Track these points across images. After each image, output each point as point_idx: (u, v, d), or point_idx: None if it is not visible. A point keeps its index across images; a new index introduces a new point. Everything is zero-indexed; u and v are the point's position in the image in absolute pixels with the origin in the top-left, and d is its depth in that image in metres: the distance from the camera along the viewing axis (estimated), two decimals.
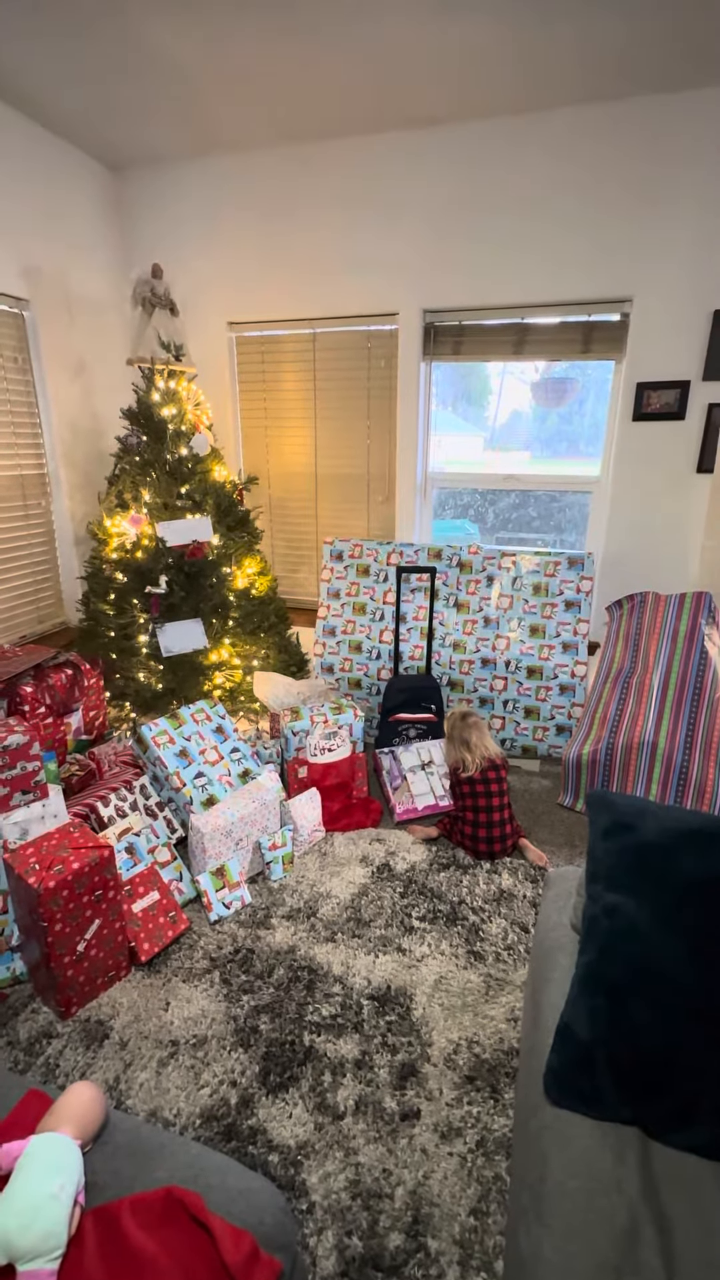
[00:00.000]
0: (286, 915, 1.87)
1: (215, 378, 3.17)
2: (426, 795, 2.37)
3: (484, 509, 3.59)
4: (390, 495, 3.14)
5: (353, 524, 3.26)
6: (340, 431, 3.13)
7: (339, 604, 2.92)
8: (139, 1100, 1.37)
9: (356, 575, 2.92)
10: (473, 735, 2.16)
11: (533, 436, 3.17)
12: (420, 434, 3.03)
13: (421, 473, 3.11)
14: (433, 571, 2.71)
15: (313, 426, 3.17)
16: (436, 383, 3.01)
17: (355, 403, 3.07)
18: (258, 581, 2.79)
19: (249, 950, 1.73)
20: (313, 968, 1.68)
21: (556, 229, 2.59)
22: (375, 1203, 1.20)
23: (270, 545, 3.39)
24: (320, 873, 2.05)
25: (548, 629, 2.68)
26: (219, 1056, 1.45)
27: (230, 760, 2.22)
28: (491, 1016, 1.54)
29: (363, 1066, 1.43)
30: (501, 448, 3.26)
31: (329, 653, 2.91)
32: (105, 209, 3.01)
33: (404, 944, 1.76)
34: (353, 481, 3.19)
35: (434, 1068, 1.43)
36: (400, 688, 2.64)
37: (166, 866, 1.90)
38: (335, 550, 2.96)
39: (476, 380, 3.25)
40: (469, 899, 1.93)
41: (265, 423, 3.25)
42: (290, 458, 3.26)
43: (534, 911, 1.88)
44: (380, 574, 2.89)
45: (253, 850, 2.02)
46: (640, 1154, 0.91)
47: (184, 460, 2.56)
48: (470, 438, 3.27)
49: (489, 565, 2.78)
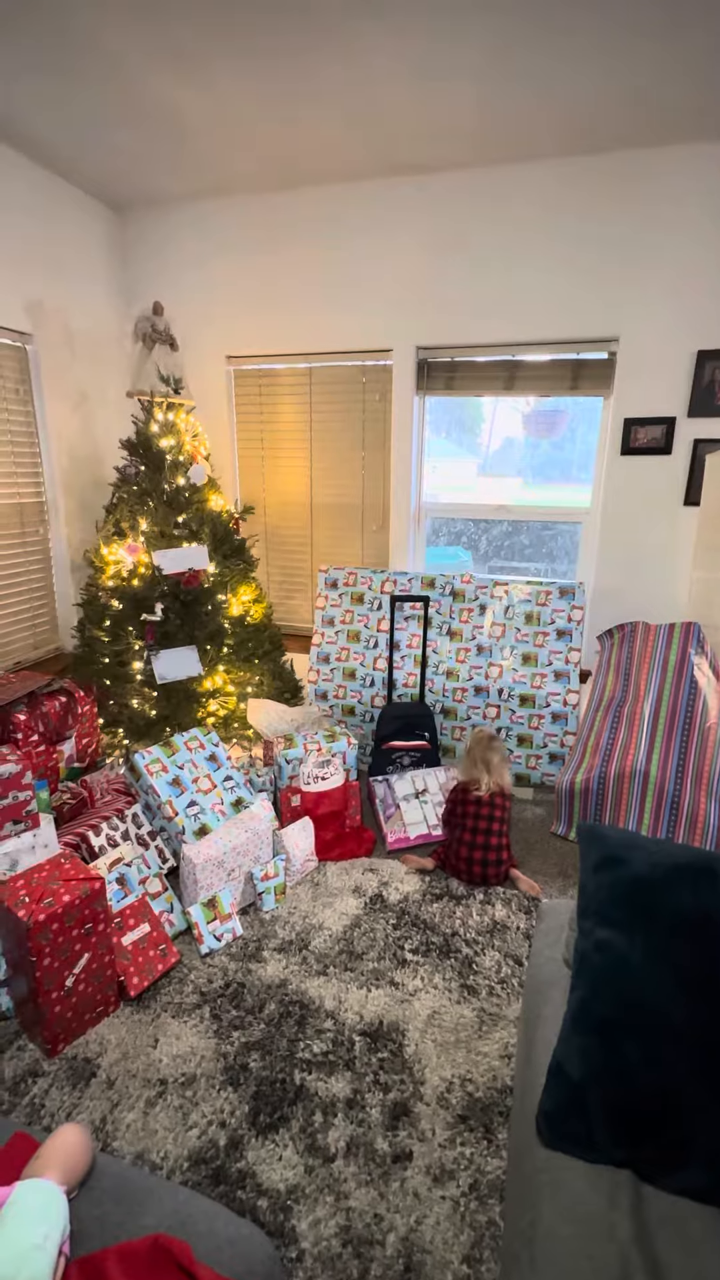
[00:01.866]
0: (278, 948, 1.84)
1: (213, 410, 3.23)
2: (419, 825, 2.36)
3: (477, 536, 3.63)
4: (384, 524, 3.18)
5: (347, 552, 3.29)
6: (335, 462, 3.18)
7: (333, 631, 2.94)
8: (126, 1141, 1.34)
9: (351, 603, 2.95)
10: (495, 759, 2.17)
11: (525, 463, 3.22)
12: (414, 465, 3.08)
13: (415, 502, 3.15)
14: (426, 600, 2.74)
15: (308, 457, 3.22)
16: (430, 410, 3.07)
17: (350, 434, 3.12)
18: (253, 609, 2.80)
19: (240, 984, 1.71)
20: (304, 1002, 1.66)
21: (544, 272, 2.68)
22: (366, 1250, 1.17)
23: (266, 573, 3.42)
24: (313, 904, 2.03)
25: (540, 657, 2.70)
26: (208, 1096, 1.43)
27: (223, 788, 2.21)
28: (485, 1053, 1.52)
29: (354, 1106, 1.41)
30: (494, 474, 3.30)
31: (323, 680, 2.92)
32: (107, 247, 3.10)
33: (396, 977, 1.74)
34: (347, 511, 3.24)
35: (426, 1107, 1.41)
36: (394, 715, 2.65)
37: (158, 898, 1.88)
38: (330, 578, 2.99)
39: (470, 408, 3.31)
40: (462, 930, 1.91)
41: (262, 453, 3.29)
42: (286, 487, 3.30)
43: (528, 943, 1.86)
44: (374, 602, 2.91)
45: (245, 881, 2.01)
46: (633, 1197, 0.90)
47: (181, 490, 2.60)
48: (463, 463, 3.32)
49: (482, 594, 2.82)
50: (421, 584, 2.87)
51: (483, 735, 2.22)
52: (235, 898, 1.97)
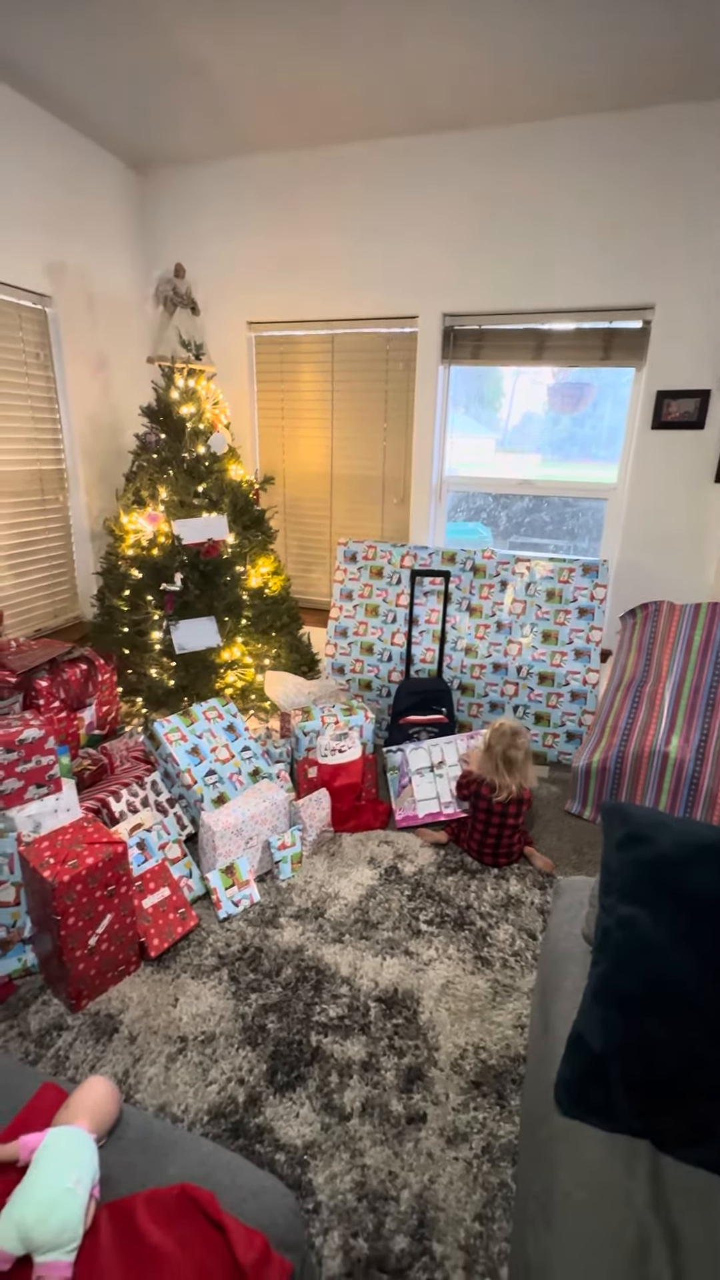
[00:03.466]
0: (295, 915, 1.87)
1: (234, 377, 3.17)
2: (430, 802, 2.35)
3: (497, 513, 3.58)
4: (405, 497, 3.14)
5: (367, 526, 3.26)
6: (357, 433, 3.13)
7: (351, 605, 2.93)
8: (147, 1095, 1.38)
9: (370, 577, 2.92)
10: (518, 756, 2.05)
11: (544, 439, 3.16)
12: (436, 437, 3.02)
13: (437, 475, 3.10)
14: (446, 575, 2.71)
15: (329, 427, 3.17)
16: (450, 383, 3.00)
17: (372, 404, 3.07)
18: (271, 581, 2.79)
19: (257, 949, 1.74)
20: (320, 968, 1.68)
21: (579, 235, 2.57)
22: (381, 1205, 1.21)
23: (284, 545, 3.39)
24: (328, 873, 2.05)
25: (561, 635, 2.67)
26: (227, 1054, 1.46)
27: (241, 759, 2.22)
28: (498, 1023, 1.54)
29: (370, 1068, 1.43)
30: (513, 450, 3.25)
31: (340, 654, 2.91)
32: (128, 208, 3.02)
33: (411, 947, 1.76)
34: (368, 483, 3.19)
35: (440, 1072, 1.43)
36: (411, 690, 2.64)
37: (177, 863, 1.91)
38: (349, 551, 2.97)
39: (490, 382, 3.24)
40: (477, 904, 1.93)
41: (282, 423, 3.25)
42: (306, 458, 3.26)
43: (541, 919, 1.87)
44: (394, 576, 2.89)
45: (262, 849, 2.03)
46: (650, 1167, 0.91)
47: (201, 459, 2.57)
48: (482, 439, 3.27)
49: (503, 570, 2.78)
50: (442, 559, 2.83)
51: (505, 729, 2.08)
52: (253, 865, 1.99)
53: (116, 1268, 0.78)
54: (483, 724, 2.70)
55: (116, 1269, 0.78)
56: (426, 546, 2.87)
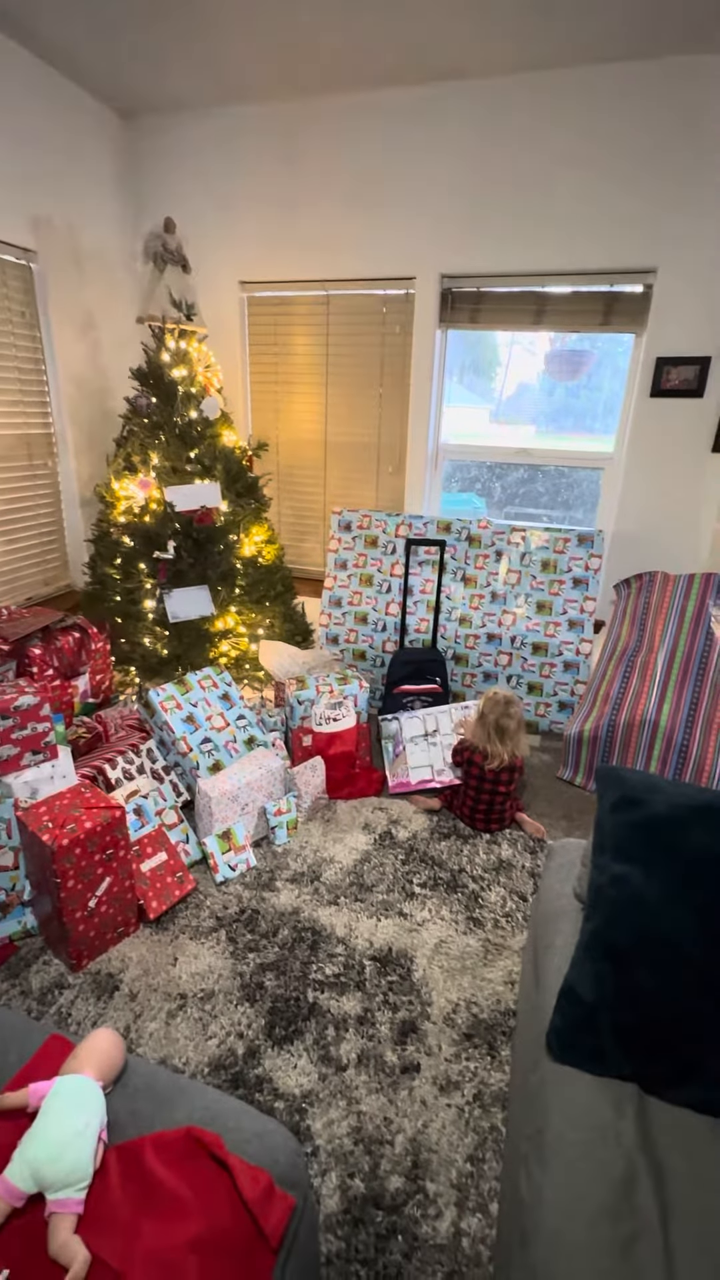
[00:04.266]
0: (290, 879, 1.90)
1: (225, 339, 3.10)
2: (423, 769, 2.37)
3: (491, 483, 3.55)
4: (400, 466, 3.11)
5: (361, 494, 3.23)
6: (351, 399, 3.09)
7: (346, 575, 2.92)
8: (149, 1049, 1.42)
9: (364, 546, 2.91)
10: (510, 725, 2.06)
11: (539, 410, 3.12)
12: (433, 403, 2.98)
13: (433, 443, 3.07)
14: (442, 545, 2.70)
15: (323, 393, 3.12)
16: (449, 351, 2.95)
17: (367, 369, 3.02)
18: (265, 550, 2.77)
19: (254, 911, 1.77)
20: (316, 929, 1.72)
21: (580, 195, 2.50)
22: (376, 1148, 1.26)
23: (278, 513, 3.36)
24: (323, 839, 2.08)
25: (555, 606, 2.68)
26: (226, 1010, 1.50)
27: (236, 727, 2.23)
28: (490, 979, 1.59)
29: (365, 1023, 1.48)
30: (508, 421, 3.22)
31: (334, 623, 2.91)
32: (116, 159, 2.89)
33: (405, 909, 1.80)
34: (363, 451, 3.16)
35: (433, 1025, 1.48)
36: (405, 660, 2.65)
37: (174, 829, 1.93)
38: (343, 520, 2.94)
39: (485, 350, 3.18)
40: (469, 868, 1.96)
41: (275, 388, 3.19)
42: (300, 424, 3.21)
43: (532, 881, 1.92)
44: (388, 546, 2.87)
45: (258, 815, 2.05)
46: (638, 1107, 0.95)
47: (194, 424, 2.52)
48: (476, 410, 3.23)
49: (498, 540, 2.77)
50: (437, 528, 2.82)
51: (498, 698, 2.09)
52: (249, 831, 2.01)
53: (126, 1204, 0.81)
54: (476, 694, 2.72)
55: (126, 1205, 0.81)
56: (421, 516, 2.86)
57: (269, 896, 1.83)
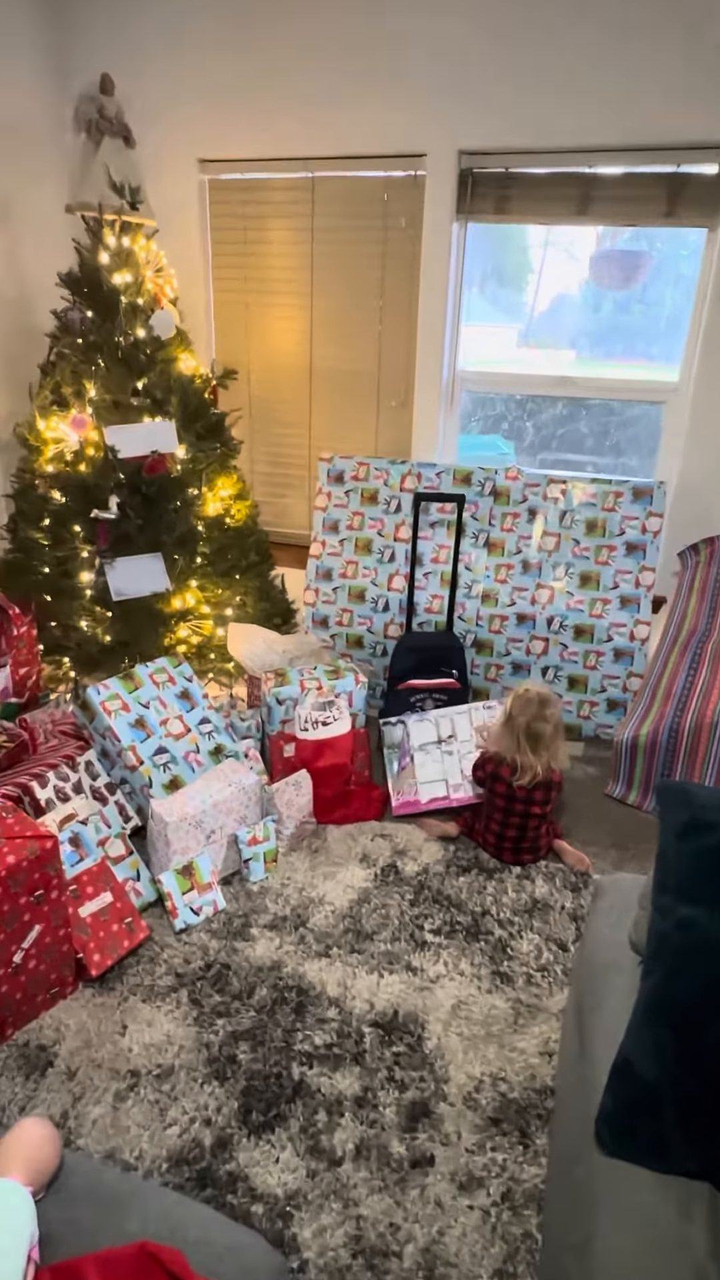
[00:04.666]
0: (269, 925, 1.90)
1: (181, 236, 3.07)
2: (436, 784, 2.37)
3: (521, 422, 3.55)
4: (407, 400, 3.10)
5: (357, 436, 3.22)
6: (344, 313, 3.07)
7: (337, 540, 2.91)
8: (92, 1139, 1.42)
9: (360, 503, 2.90)
10: (545, 730, 2.04)
11: (581, 330, 3.11)
12: (448, 320, 2.96)
13: (448, 371, 3.05)
14: (460, 501, 2.69)
15: (308, 305, 3.11)
16: (466, 253, 2.93)
17: (365, 275, 2.99)
18: (234, 507, 2.76)
19: (223, 965, 1.78)
20: (302, 988, 1.72)
21: (640, 47, 2.46)
22: (381, 1262, 1.27)
23: (250, 461, 3.35)
24: (311, 874, 2.08)
25: (603, 578, 2.67)
26: (189, 1090, 1.50)
27: (199, 733, 2.24)
28: (521, 1049, 1.60)
29: (364, 1105, 1.49)
30: (542, 343, 3.22)
31: (323, 602, 2.91)
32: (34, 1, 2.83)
33: (414, 961, 1.81)
34: (358, 380, 3.15)
35: (451, 1107, 1.49)
36: (413, 648, 2.65)
37: (120, 862, 1.93)
38: (334, 470, 2.93)
39: (513, 252, 3.17)
40: (494, 909, 1.97)
41: (246, 299, 3.18)
42: (278, 346, 3.20)
43: (574, 926, 1.93)
44: (391, 502, 2.86)
45: (227, 845, 2.06)
46: (709, 1208, 0.96)
47: (141, 345, 2.50)
48: (502, 329, 3.23)
49: (531, 494, 2.76)
50: (454, 480, 2.81)
51: (530, 696, 2.08)
52: (216, 865, 2.02)
53: None
54: (503, 690, 2.72)
55: None
56: (434, 464, 2.85)
57: (242, 947, 1.83)
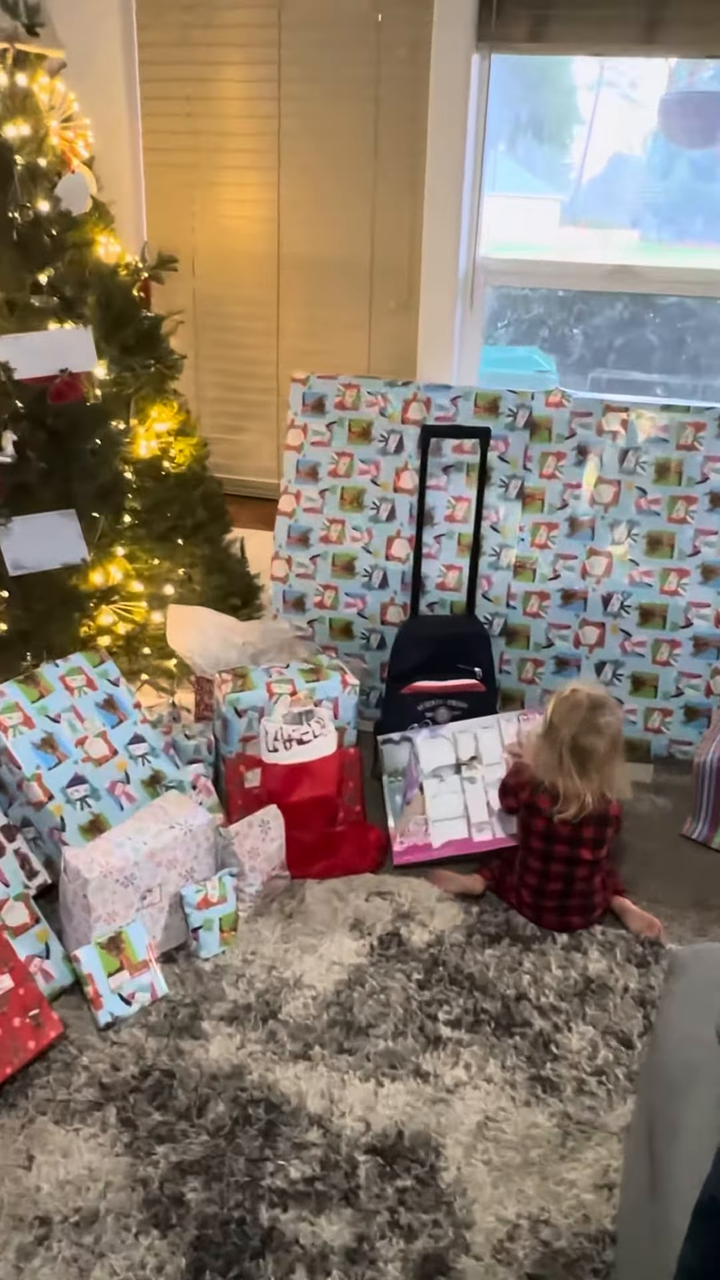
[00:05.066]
0: (227, 1016, 1.90)
1: (100, 74, 3.05)
2: (453, 823, 2.37)
3: (567, 328, 3.53)
4: (410, 299, 3.10)
5: (343, 349, 3.23)
6: (324, 180, 3.08)
7: (316, 490, 2.90)
8: None
9: (348, 440, 2.89)
10: (600, 746, 2.05)
11: (645, 203, 3.13)
12: (466, 188, 2.95)
13: (466, 259, 3.04)
14: (483, 437, 2.68)
15: (274, 168, 3.11)
16: (492, 93, 2.90)
17: (352, 128, 2.98)
18: (175, 447, 2.76)
19: (165, 1073, 1.77)
20: (273, 1102, 1.71)
21: None
22: None
23: (196, 384, 3.35)
24: (284, 947, 2.09)
25: (679, 541, 2.68)
26: (119, 1243, 1.48)
27: (129, 757, 2.23)
28: (570, 1181, 1.59)
29: (358, 1260, 1.47)
30: (592, 222, 3.24)
31: (298, 575, 2.90)
32: None
33: (425, 1064, 1.80)
34: (344, 273, 3.15)
35: (476, 1262, 1.47)
36: (421, 638, 2.64)
37: (23, 934, 1.92)
38: (311, 395, 2.91)
39: (554, 96, 3.17)
40: (533, 992, 1.97)
41: (192, 160, 3.17)
42: (233, 226, 3.20)
43: (641, 1014, 1.93)
44: (390, 439, 2.85)
45: (169, 909, 2.05)
46: None
47: (44, 223, 2.47)
48: (539, 202, 3.23)
49: (580, 427, 2.75)
50: (475, 408, 2.80)
51: (578, 699, 2.10)
52: (154, 936, 2.01)
53: None
54: (543, 695, 2.71)
55: None
56: (448, 387, 2.83)
57: (190, 1048, 1.83)
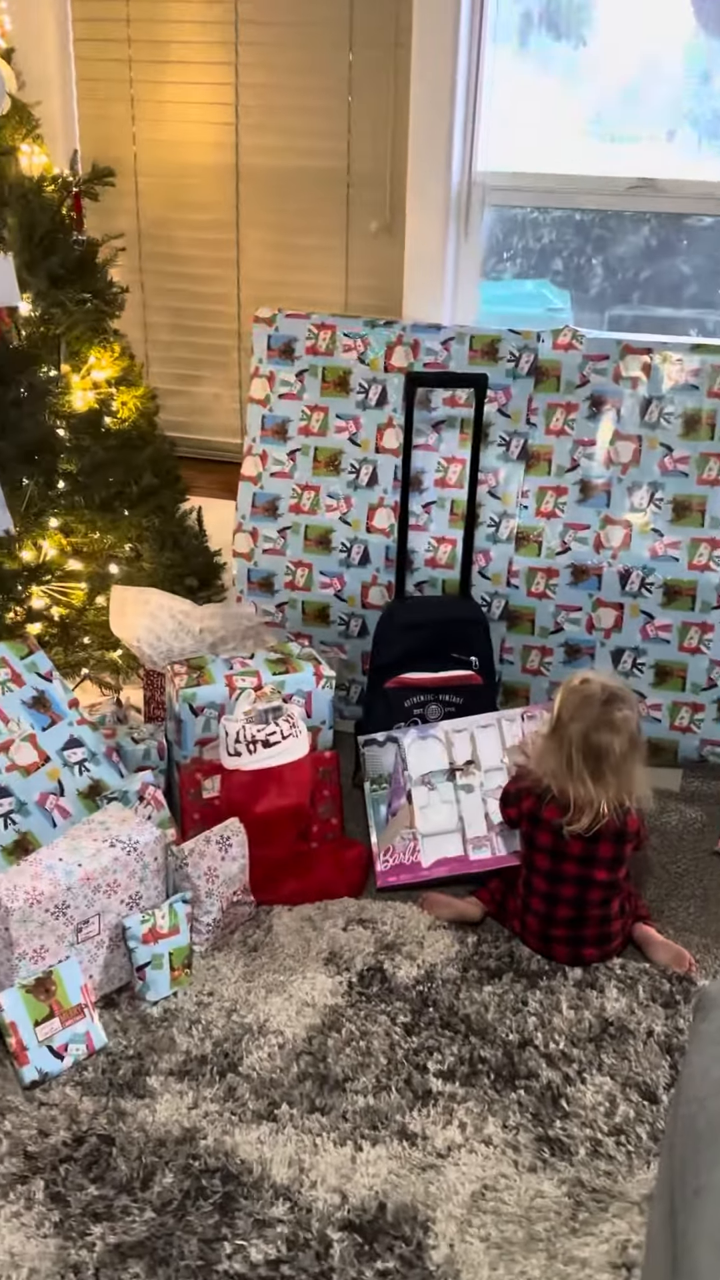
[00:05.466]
0: (178, 1070, 1.90)
1: None
2: (446, 837, 2.38)
3: (583, 257, 3.50)
4: (394, 222, 3.08)
5: (315, 281, 3.22)
6: (290, 77, 3.07)
7: (285, 451, 2.90)
8: None
9: (323, 391, 2.89)
10: (616, 746, 2.06)
11: (679, 109, 3.09)
12: (460, 89, 2.92)
13: (460, 173, 3.02)
14: (479, 386, 2.66)
15: (230, 62, 3.09)
16: None
17: (322, 13, 2.97)
18: (118, 399, 2.77)
19: (103, 1139, 1.75)
20: (231, 1171, 1.70)
21: None
22: None
23: (140, 323, 3.35)
24: (247, 986, 2.09)
25: (710, 507, 2.67)
26: None
27: (63, 764, 2.24)
28: (583, 1260, 1.58)
29: None
30: (615, 132, 3.21)
31: (265, 551, 2.91)
32: None
33: (413, 1124, 1.79)
34: (316, 190, 3.14)
35: None
36: (409, 623, 2.65)
37: None
38: (279, 337, 2.91)
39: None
40: (540, 1038, 1.97)
41: (129, 52, 3.16)
42: (182, 133, 3.19)
43: (668, 1062, 1.93)
44: (371, 389, 2.85)
45: (110, 943, 2.05)
46: None
47: None
48: (550, 106, 3.20)
49: (595, 374, 2.74)
50: (470, 352, 2.79)
51: (590, 691, 2.13)
52: (91, 976, 2.00)
53: None
54: (550, 688, 2.70)
55: None
56: (439, 327, 2.83)
57: (134, 1109, 1.82)
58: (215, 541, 3.11)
